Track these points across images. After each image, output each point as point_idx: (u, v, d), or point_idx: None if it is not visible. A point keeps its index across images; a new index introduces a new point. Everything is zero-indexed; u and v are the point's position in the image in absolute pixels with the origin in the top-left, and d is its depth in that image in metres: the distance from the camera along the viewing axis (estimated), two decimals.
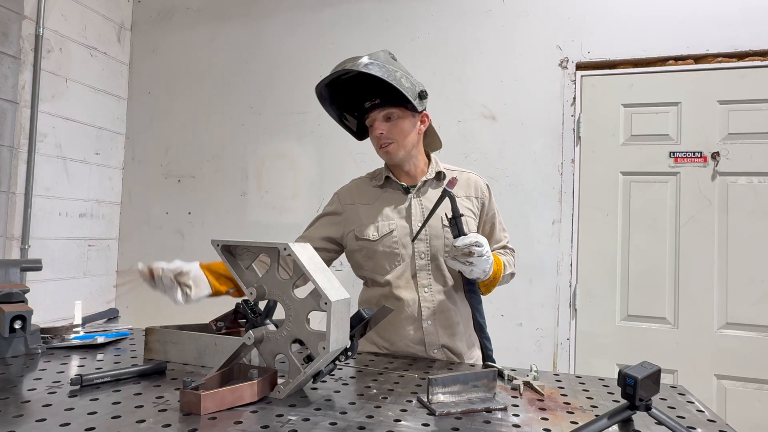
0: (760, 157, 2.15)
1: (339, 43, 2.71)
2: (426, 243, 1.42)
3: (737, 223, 2.16)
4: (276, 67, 2.82)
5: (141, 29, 3.08)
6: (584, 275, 2.33)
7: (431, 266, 1.43)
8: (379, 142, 1.42)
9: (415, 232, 1.41)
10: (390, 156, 1.44)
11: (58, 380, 1.05)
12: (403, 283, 1.43)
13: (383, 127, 1.40)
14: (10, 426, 0.80)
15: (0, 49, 2.29)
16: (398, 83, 1.32)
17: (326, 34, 2.74)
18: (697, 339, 2.17)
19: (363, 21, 2.69)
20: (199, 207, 2.90)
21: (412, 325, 1.42)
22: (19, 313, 1.22)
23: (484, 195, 1.51)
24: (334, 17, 2.74)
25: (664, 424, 0.83)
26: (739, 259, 2.15)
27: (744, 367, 2.11)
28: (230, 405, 0.91)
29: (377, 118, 1.41)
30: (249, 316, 1.07)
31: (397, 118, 1.41)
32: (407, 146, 1.43)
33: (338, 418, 0.89)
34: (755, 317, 2.12)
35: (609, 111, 2.35)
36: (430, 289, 1.42)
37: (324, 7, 2.76)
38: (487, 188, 1.53)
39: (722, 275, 2.17)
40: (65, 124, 2.64)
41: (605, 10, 2.35)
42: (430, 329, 1.41)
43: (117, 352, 1.33)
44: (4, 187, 2.33)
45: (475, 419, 0.92)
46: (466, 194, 1.49)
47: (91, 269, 2.82)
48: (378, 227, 1.44)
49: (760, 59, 2.17)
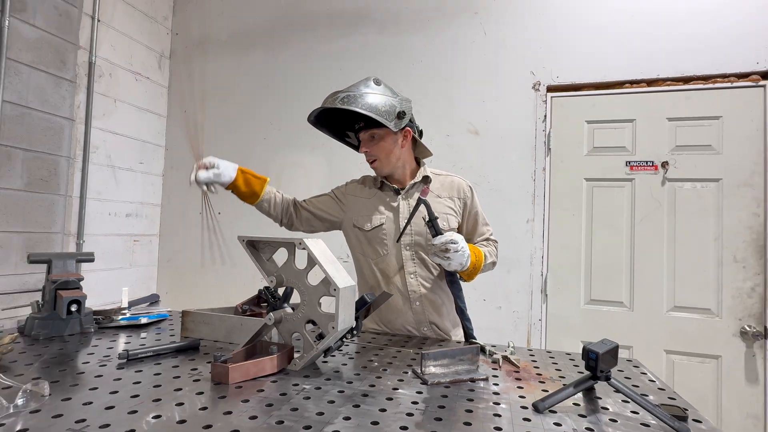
0: (702, 166, 2.15)
1: (346, 68, 2.70)
2: (411, 237, 1.43)
3: (683, 222, 2.16)
4: (292, 89, 2.82)
5: (178, 58, 3.08)
6: (554, 266, 2.33)
7: (416, 257, 1.44)
8: (366, 159, 1.45)
9: (401, 230, 1.42)
10: (376, 170, 1.47)
11: (108, 355, 1.06)
12: (393, 271, 1.44)
13: (368, 146, 1.42)
14: (68, 393, 0.80)
15: (59, 75, 2.29)
16: (373, 110, 1.31)
17: (335, 62, 2.74)
18: (649, 320, 2.17)
19: (366, 50, 2.69)
20: (227, 208, 2.90)
21: (403, 306, 1.43)
22: (75, 298, 1.22)
23: (467, 195, 1.51)
24: (341, 47, 2.73)
25: (621, 391, 0.83)
26: (685, 253, 2.15)
27: (689, 344, 2.11)
28: (254, 376, 0.91)
29: (364, 138, 1.44)
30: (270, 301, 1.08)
31: (379, 138, 1.41)
32: (390, 161, 1.44)
33: (345, 386, 0.89)
34: (698, 301, 2.12)
35: (574, 127, 2.34)
36: (416, 275, 1.43)
37: (333, 39, 2.76)
38: (470, 189, 1.52)
39: (670, 266, 2.17)
40: (114, 138, 2.64)
41: (571, 41, 2.35)
42: (418, 309, 1.43)
43: (158, 331, 1.33)
44: (63, 191, 2.33)
45: (461, 388, 0.92)
46: (449, 195, 1.49)
47: (135, 261, 2.82)
48: (371, 220, 1.46)
49: (703, 83, 2.17)
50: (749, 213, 2.08)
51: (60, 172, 2.31)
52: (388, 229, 1.44)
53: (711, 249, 2.12)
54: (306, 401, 0.80)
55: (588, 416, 0.80)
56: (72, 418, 0.70)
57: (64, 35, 2.31)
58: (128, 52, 2.73)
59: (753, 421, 2.01)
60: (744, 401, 2.03)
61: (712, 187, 2.14)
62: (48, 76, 2.23)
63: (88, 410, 0.73)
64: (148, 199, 2.92)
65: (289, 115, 2.81)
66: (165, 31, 3.04)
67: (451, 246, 1.25)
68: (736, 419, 2.03)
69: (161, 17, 3.00)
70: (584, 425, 0.76)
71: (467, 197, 1.50)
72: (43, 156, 2.22)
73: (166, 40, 3.06)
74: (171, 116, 3.06)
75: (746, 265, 2.07)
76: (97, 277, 2.52)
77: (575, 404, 0.85)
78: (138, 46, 2.80)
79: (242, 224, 2.84)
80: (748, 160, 2.09)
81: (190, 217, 2.96)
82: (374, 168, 1.46)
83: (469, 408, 0.81)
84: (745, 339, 2.05)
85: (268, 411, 0.75)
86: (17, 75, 2.09)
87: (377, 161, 1.43)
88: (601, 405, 0.85)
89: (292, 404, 0.78)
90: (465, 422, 0.75)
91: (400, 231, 1.42)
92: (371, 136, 1.42)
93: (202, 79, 3.01)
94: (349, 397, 0.83)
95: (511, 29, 2.45)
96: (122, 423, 0.69)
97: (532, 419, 0.77)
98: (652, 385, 1.00)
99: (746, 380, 2.03)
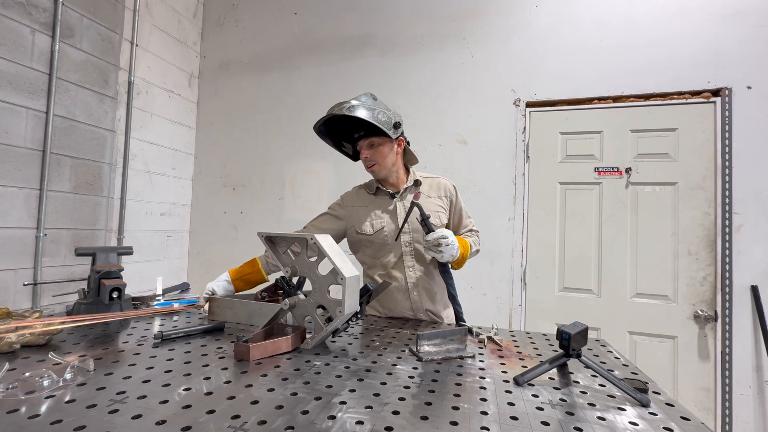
0: (660, 172, 2.15)
1: (350, 86, 2.70)
2: (409, 235, 1.42)
3: (644, 220, 2.16)
4: (305, 104, 2.82)
5: (206, 77, 3.07)
6: (532, 258, 2.33)
7: (414, 252, 1.43)
8: (366, 163, 1.42)
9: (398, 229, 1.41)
10: (374, 174, 1.44)
11: (145, 336, 1.06)
12: (393, 265, 1.44)
13: (368, 152, 1.40)
14: (110, 369, 0.80)
15: (102, 92, 2.28)
16: (376, 120, 1.31)
17: (342, 81, 2.73)
18: (615, 305, 2.17)
19: (369, 72, 2.68)
20: (248, 208, 2.90)
21: (402, 295, 1.42)
22: (116, 286, 1.22)
23: (451, 194, 1.50)
24: (347, 69, 2.73)
25: (590, 367, 0.83)
26: (646, 247, 2.15)
27: (649, 326, 2.11)
28: (271, 354, 0.91)
29: (363, 145, 1.41)
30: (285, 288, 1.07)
31: (378, 145, 1.40)
32: (387, 165, 1.42)
33: (351, 363, 0.89)
34: (657, 289, 2.12)
35: (550, 137, 2.34)
36: (414, 268, 1.42)
37: (339, 61, 2.75)
38: (454, 188, 1.52)
39: (633, 258, 2.16)
40: (150, 147, 2.64)
41: (548, 63, 2.34)
42: (415, 298, 1.42)
43: (188, 315, 1.33)
44: (105, 194, 2.33)
45: (451, 364, 0.92)
46: (437, 195, 1.49)
47: (168, 254, 2.82)
48: (372, 224, 1.43)
49: (661, 99, 2.16)
50: (702, 212, 2.07)
51: (103, 176, 2.31)
52: (388, 230, 1.43)
53: (668, 243, 2.11)
54: (317, 376, 0.80)
55: (561, 389, 0.80)
56: (113, 390, 0.70)
57: (107, 58, 2.31)
58: (162, 73, 2.72)
59: (704, 393, 2.01)
60: (697, 376, 2.02)
61: (670, 189, 2.13)
62: (92, 93, 2.23)
63: (128, 383, 0.73)
64: (179, 200, 2.91)
65: (302, 127, 2.81)
66: (194, 54, 3.03)
67: (443, 241, 1.25)
68: (690, 391, 2.02)
69: (191, 42, 3.00)
70: (558, 396, 0.76)
71: (452, 195, 1.50)
72: (88, 163, 2.22)
73: (196, 62, 3.05)
74: (199, 128, 3.05)
75: (699, 257, 2.06)
76: (135, 268, 2.52)
77: (551, 378, 0.85)
78: (171, 67, 2.80)
79: (262, 221, 2.83)
80: (700, 166, 2.09)
81: (216, 215, 2.96)
82: (372, 171, 1.43)
83: (459, 381, 0.81)
84: (698, 322, 2.04)
85: (284, 384, 0.75)
86: (66, 92, 2.09)
87: (376, 165, 1.41)
88: (573, 379, 0.85)
89: (304, 378, 0.78)
90: (455, 394, 0.74)
91: (398, 230, 1.41)
92: (370, 143, 1.40)
93: (226, 96, 3.00)
94: (354, 372, 0.83)
95: (494, 52, 2.44)
96: (157, 394, 0.68)
97: (513, 391, 0.77)
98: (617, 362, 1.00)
99: (699, 358, 2.03)
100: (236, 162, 2.96)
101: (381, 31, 2.68)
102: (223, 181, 2.97)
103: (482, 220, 2.34)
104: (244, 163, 2.94)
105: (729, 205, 2.01)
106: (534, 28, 2.38)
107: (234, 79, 3.00)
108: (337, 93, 2.73)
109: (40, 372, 0.74)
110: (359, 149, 1.44)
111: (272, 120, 2.89)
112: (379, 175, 1.44)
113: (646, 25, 2.19)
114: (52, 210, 2.05)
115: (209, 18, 3.10)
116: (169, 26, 2.78)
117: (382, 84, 2.63)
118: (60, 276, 2.07)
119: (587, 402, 0.74)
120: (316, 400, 0.69)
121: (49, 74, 2.01)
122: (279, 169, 2.84)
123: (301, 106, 2.82)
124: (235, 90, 2.99)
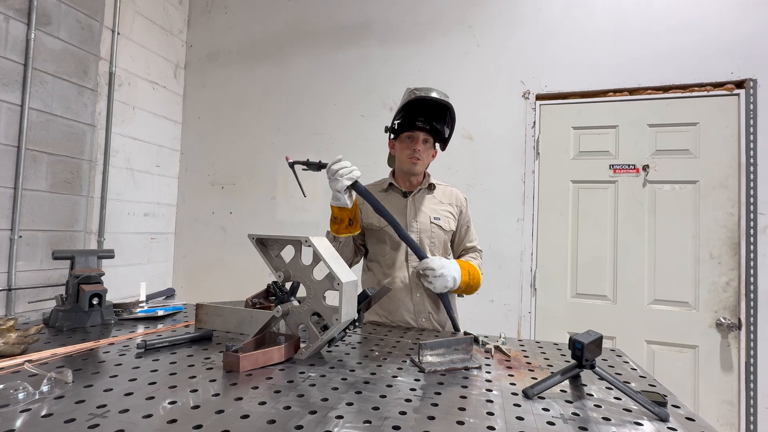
0: (680, 169, 2.15)
1: (348, 78, 2.70)
2: (417, 234, 1.46)
3: (663, 222, 2.16)
4: (298, 98, 2.82)
5: (192, 68, 3.07)
6: (542, 262, 2.33)
7: None
8: (413, 155, 1.47)
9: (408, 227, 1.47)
10: (414, 168, 1.49)
11: (127, 345, 1.05)
12: (399, 265, 1.48)
13: (421, 147, 1.47)
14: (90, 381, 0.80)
15: (81, 84, 2.28)
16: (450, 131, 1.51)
17: (338, 71, 2.74)
18: (631, 312, 2.17)
19: (367, 61, 2.68)
20: (238, 208, 2.90)
21: (405, 297, 1.45)
22: (96, 292, 1.22)
23: (462, 204, 1.59)
24: (344, 58, 2.73)
25: (605, 379, 0.83)
26: (664, 250, 2.15)
27: (668, 335, 2.11)
28: (263, 364, 0.91)
29: (420, 138, 1.47)
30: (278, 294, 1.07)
31: (429, 146, 1.50)
32: (425, 165, 1.53)
33: (348, 374, 0.89)
34: (677, 295, 2.12)
35: (562, 132, 2.34)
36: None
37: (336, 50, 2.75)
38: (465, 200, 1.61)
39: (651, 262, 2.16)
40: (132, 143, 2.64)
41: (559, 53, 2.34)
42: (417, 300, 1.45)
43: (173, 323, 1.33)
44: (85, 193, 2.33)
45: (456, 376, 0.92)
46: (449, 202, 1.57)
47: (152, 257, 2.82)
48: (380, 219, 1.48)
49: (681, 91, 2.16)
50: (724, 213, 2.08)
51: (82, 174, 2.31)
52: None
53: (689, 246, 2.12)
54: (311, 388, 0.80)
55: (574, 402, 0.80)
56: (93, 403, 0.70)
57: (86, 47, 2.31)
58: (146, 63, 2.72)
59: (728, 406, 2.01)
60: (719, 388, 2.02)
61: (690, 188, 2.13)
62: (71, 85, 2.23)
63: (109, 396, 0.73)
64: (164, 199, 2.91)
65: (295, 122, 2.81)
66: (180, 44, 3.04)
67: (429, 272, 1.31)
68: (712, 405, 2.02)
69: (177, 30, 3.00)
70: (570, 410, 0.76)
71: (463, 206, 1.59)
72: (66, 159, 2.22)
73: (181, 52, 3.05)
74: (185, 122, 3.06)
75: (721, 261, 2.07)
76: (116, 273, 2.52)
77: (562, 391, 0.85)
78: (155, 57, 2.80)
79: (253, 223, 2.84)
80: (723, 163, 2.09)
81: (203, 216, 2.96)
82: (414, 164, 1.47)
83: (464, 394, 0.81)
84: (720, 330, 2.04)
85: (276, 397, 0.75)
86: (42, 84, 2.09)
87: (420, 161, 1.47)
88: (587, 391, 0.85)
89: (298, 391, 0.78)
90: (459, 407, 0.74)
91: (407, 228, 1.48)
92: (426, 139, 1.48)
93: (214, 88, 3.01)
94: (352, 384, 0.83)
95: (503, 41, 2.44)
96: (140, 408, 0.68)
97: (522, 405, 0.77)
98: (633, 373, 1.00)
99: (721, 369, 2.03)
100: (225, 159, 2.96)
101: (380, 17, 2.68)
102: (211, 180, 2.97)
103: (489, 221, 2.35)
104: (234, 160, 2.94)
105: (754, 205, 2.02)
106: (545, 14, 2.38)
107: (223, 69, 3.00)
108: (332, 84, 2.74)
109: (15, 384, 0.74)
110: (410, 137, 1.47)
111: (264, 114, 2.89)
112: (417, 170, 1.50)
113: (665, 12, 2.19)
114: (28, 210, 2.05)
115: (196, 4, 3.10)
116: (154, 13, 2.78)
117: (381, 75, 2.63)
118: (36, 281, 2.07)
119: (602, 416, 0.74)
120: (311, 414, 0.69)
121: (24, 64, 2.01)
122: (271, 166, 2.84)
123: (294, 99, 2.83)
124: (223, 82, 2.99)
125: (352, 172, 1.27)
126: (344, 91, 2.72)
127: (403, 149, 1.48)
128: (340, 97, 2.73)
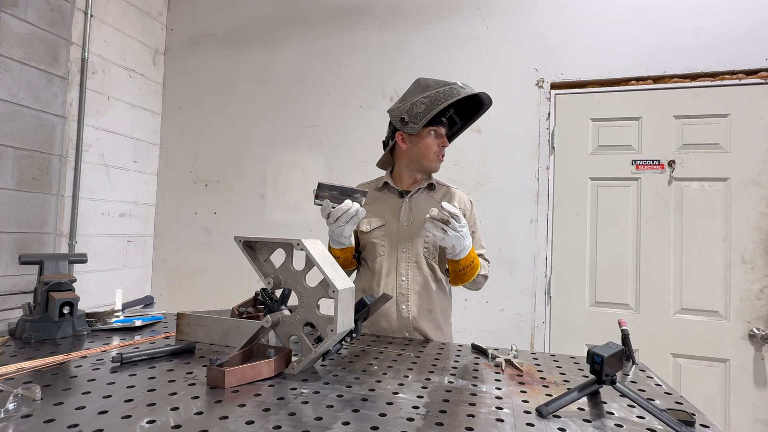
0: (709, 165, 2.15)
1: (345, 65, 2.71)
2: (409, 239, 1.47)
3: (690, 222, 2.16)
4: (290, 87, 2.82)
5: (173, 54, 3.08)
6: (558, 267, 2.33)
7: (411, 259, 1.48)
8: (440, 153, 1.51)
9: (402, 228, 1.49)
10: (437, 167, 1.53)
11: (101, 358, 1.05)
12: (386, 271, 1.49)
13: (446, 144, 1.51)
14: (60, 398, 0.80)
15: (51, 71, 2.29)
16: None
17: (333, 58, 2.74)
18: (656, 322, 2.17)
19: (365, 46, 2.69)
20: (223, 208, 2.90)
21: (389, 308, 1.45)
22: (68, 300, 1.22)
23: (467, 207, 1.57)
24: (340, 43, 2.73)
25: (627, 396, 0.83)
26: (692, 254, 2.15)
27: (696, 347, 2.11)
28: (251, 380, 0.91)
29: (445, 134, 1.52)
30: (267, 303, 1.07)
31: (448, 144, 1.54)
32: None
33: (344, 391, 0.89)
34: (705, 304, 2.12)
35: (579, 125, 2.34)
36: (407, 278, 1.47)
37: (331, 34, 2.76)
38: (470, 203, 1.60)
39: (677, 267, 2.17)
40: (107, 136, 2.64)
41: (576, 37, 2.35)
42: (403, 313, 1.44)
43: (152, 334, 1.33)
44: (55, 191, 2.33)
45: (462, 392, 0.92)
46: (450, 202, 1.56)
47: (129, 262, 2.82)
48: (370, 222, 1.52)
49: (710, 80, 2.17)
50: (758, 213, 2.08)
51: (52, 170, 2.31)
52: (388, 230, 1.48)
53: (719, 250, 2.12)
54: (304, 406, 0.80)
55: (593, 421, 0.80)
56: (64, 423, 0.70)
57: (56, 31, 2.31)
58: (122, 48, 2.73)
59: (762, 426, 2.01)
60: (752, 406, 2.03)
61: (720, 186, 2.14)
62: (39, 72, 2.23)
63: (81, 415, 0.73)
64: (142, 198, 2.91)
65: (287, 113, 2.81)
66: (159, 27, 3.04)
67: (454, 221, 1.26)
68: (744, 424, 2.02)
69: (156, 12, 3.00)
70: (589, 430, 0.76)
71: (467, 209, 1.57)
72: (34, 154, 2.22)
73: (161, 36, 3.06)
74: (166, 114, 3.06)
75: (755, 266, 2.07)
76: (90, 279, 2.52)
77: (580, 409, 0.85)
78: (132, 41, 2.80)
79: (240, 224, 2.84)
80: (756, 158, 2.09)
81: (184, 217, 2.96)
82: (439, 161, 1.52)
83: (471, 413, 0.81)
84: (753, 342, 2.05)
85: (265, 416, 0.75)
86: (8, 71, 2.09)
87: (443, 158, 1.52)
88: (607, 410, 0.85)
89: (289, 409, 0.78)
90: (467, 427, 0.74)
91: (399, 232, 1.48)
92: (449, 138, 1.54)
93: (197, 76, 3.01)
94: (349, 401, 0.83)
95: (514, 25, 2.45)
96: (116, 428, 0.68)
97: (536, 424, 0.77)
98: (658, 390, 1.00)
99: (755, 384, 2.03)
100: (209, 154, 2.96)
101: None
102: (194, 177, 2.97)
103: (499, 223, 2.35)
104: (219, 155, 2.94)
105: None
106: None
107: (206, 55, 3.00)
108: (327, 72, 2.74)
109: None
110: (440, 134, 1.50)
111: (251, 104, 2.89)
112: (437, 168, 1.54)
113: None
114: None
115: None
116: None
117: (381, 61, 2.63)
118: (1, 288, 2.07)
119: None
120: None
121: None
122: (260, 162, 2.84)
123: (285, 88, 2.83)
124: (207, 69, 3.00)
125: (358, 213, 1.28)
126: (340, 80, 2.72)
127: (430, 145, 1.48)
128: (336, 85, 2.73)
